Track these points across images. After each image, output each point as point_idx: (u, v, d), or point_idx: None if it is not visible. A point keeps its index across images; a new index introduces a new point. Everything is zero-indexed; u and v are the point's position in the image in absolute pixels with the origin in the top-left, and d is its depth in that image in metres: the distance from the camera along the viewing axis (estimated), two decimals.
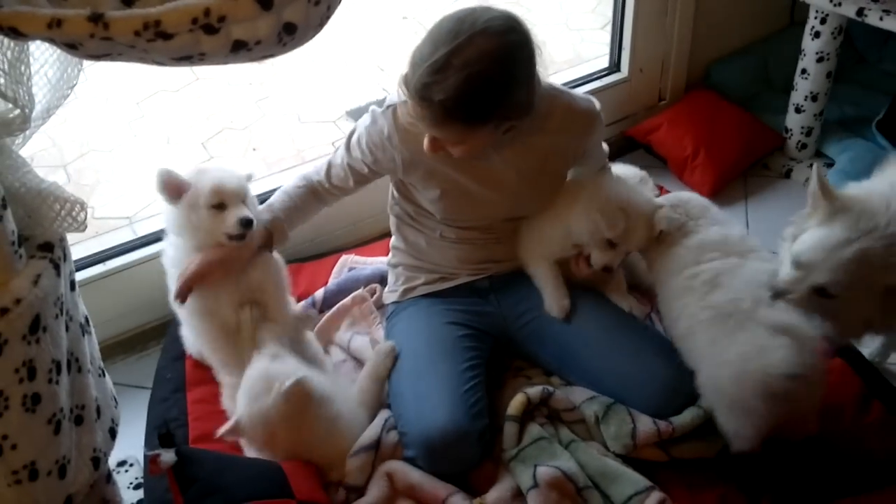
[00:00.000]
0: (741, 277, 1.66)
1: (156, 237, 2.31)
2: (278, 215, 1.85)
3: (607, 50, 2.91)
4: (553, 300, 1.80)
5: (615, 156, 2.80)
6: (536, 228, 1.86)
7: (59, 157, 3.24)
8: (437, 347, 1.75)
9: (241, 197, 1.72)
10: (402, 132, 1.70)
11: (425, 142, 1.63)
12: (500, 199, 1.78)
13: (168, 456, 1.45)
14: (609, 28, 2.88)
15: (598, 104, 1.80)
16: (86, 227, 1.25)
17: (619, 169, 2.05)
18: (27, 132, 1.26)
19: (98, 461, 1.30)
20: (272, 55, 1.14)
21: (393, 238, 1.96)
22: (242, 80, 3.72)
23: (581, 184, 1.84)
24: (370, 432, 1.66)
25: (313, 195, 1.90)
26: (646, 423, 1.64)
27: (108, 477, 1.40)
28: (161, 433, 1.49)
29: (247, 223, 1.67)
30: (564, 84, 2.73)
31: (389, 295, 1.96)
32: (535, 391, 1.70)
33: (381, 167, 1.81)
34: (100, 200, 3.00)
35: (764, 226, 2.51)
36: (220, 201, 1.69)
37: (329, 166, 1.87)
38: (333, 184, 1.87)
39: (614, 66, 2.86)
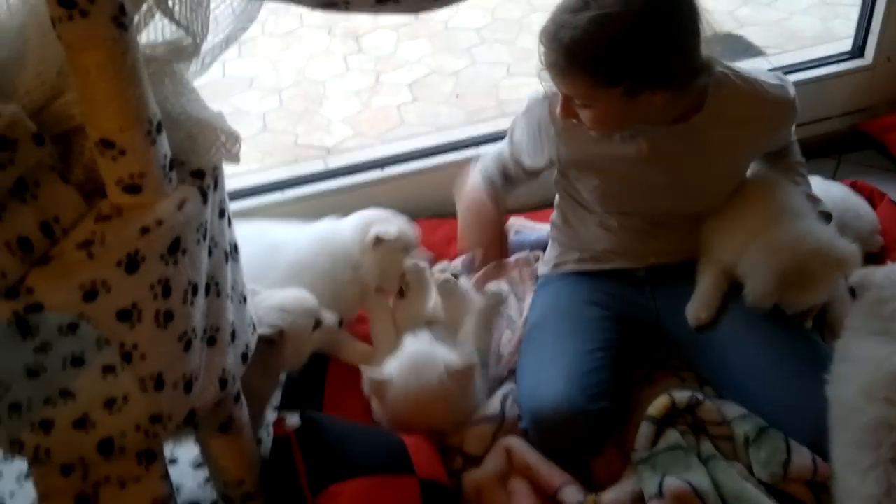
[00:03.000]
0: None
1: (346, 170, 2.38)
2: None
3: None
4: (693, 305, 1.66)
5: (842, 150, 2.52)
6: (716, 228, 1.70)
7: (277, 82, 3.41)
8: (569, 324, 1.67)
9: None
10: (559, 120, 1.61)
11: (558, 105, 1.55)
12: (669, 192, 1.64)
13: (293, 420, 1.50)
14: None
15: (791, 90, 1.61)
16: (239, 160, 1.28)
17: (853, 201, 1.92)
18: (206, 61, 1.30)
19: (226, 382, 1.35)
20: (425, 9, 1.10)
21: (554, 212, 1.89)
22: (461, 24, 3.71)
23: (769, 213, 1.64)
24: (492, 404, 1.64)
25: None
26: (803, 456, 1.47)
27: (237, 397, 1.46)
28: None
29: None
30: (790, 67, 2.49)
31: (542, 266, 1.90)
32: (682, 396, 1.57)
33: (543, 157, 1.73)
34: (305, 129, 3.13)
35: None
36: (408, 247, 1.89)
37: (500, 160, 1.87)
38: (510, 181, 1.88)
39: (857, 51, 2.54)
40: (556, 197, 1.88)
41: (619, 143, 1.60)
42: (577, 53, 1.42)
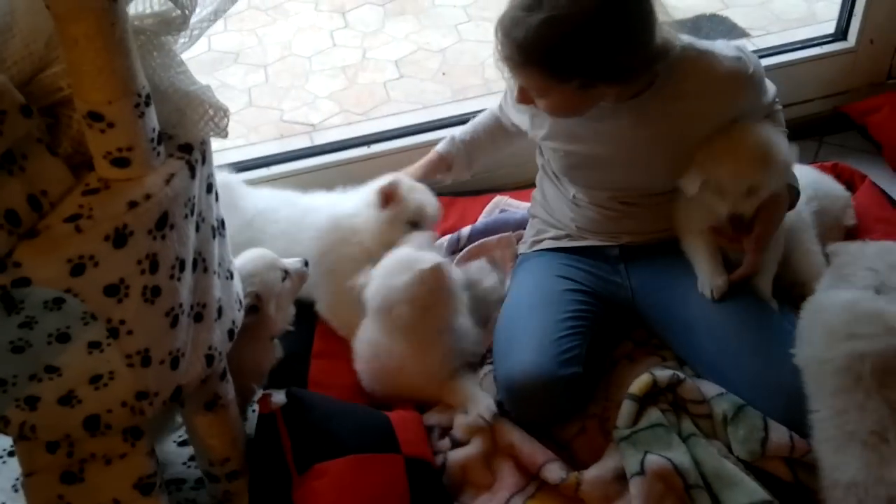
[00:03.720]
0: None
1: (334, 147, 2.36)
2: (459, 149, 1.92)
3: None
4: (706, 277, 1.65)
5: (823, 132, 2.54)
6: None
7: (262, 57, 3.37)
8: (540, 296, 1.70)
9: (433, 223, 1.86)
10: None
11: (515, 91, 1.59)
12: (630, 168, 1.66)
13: (279, 397, 1.50)
14: None
15: (750, 64, 1.61)
16: (227, 134, 1.27)
17: (826, 183, 1.94)
18: (194, 34, 1.28)
19: (212, 358, 1.35)
20: None
21: (535, 189, 1.91)
22: (447, 1, 3.68)
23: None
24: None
25: (498, 128, 1.94)
26: (780, 434, 1.49)
27: (224, 375, 1.45)
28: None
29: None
30: (773, 49, 2.51)
31: (521, 245, 1.92)
32: (663, 374, 1.58)
33: (518, 120, 1.79)
34: (290, 105, 3.11)
35: None
36: (418, 222, 1.81)
37: (501, 103, 1.91)
38: (507, 122, 1.92)
39: (840, 34, 2.54)
40: (538, 173, 1.90)
41: (576, 120, 1.63)
42: (529, 52, 1.44)
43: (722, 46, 1.64)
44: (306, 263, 1.69)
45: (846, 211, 2.01)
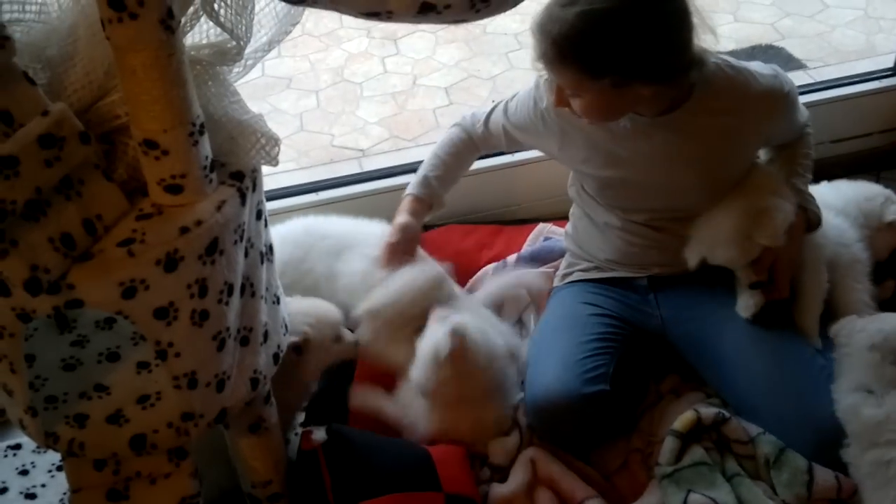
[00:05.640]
0: None
1: (382, 174, 2.39)
2: (434, 188, 1.87)
3: None
4: (743, 298, 1.64)
5: (881, 167, 2.48)
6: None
7: (315, 83, 3.43)
8: (565, 321, 1.71)
9: None
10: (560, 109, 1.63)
11: (552, 98, 1.59)
12: (663, 187, 1.65)
13: (319, 434, 1.52)
14: None
15: (786, 83, 1.60)
16: (277, 162, 1.29)
17: (861, 188, 1.87)
18: (248, 63, 1.31)
19: (257, 382, 1.36)
20: (464, 20, 1.11)
21: (568, 223, 1.91)
22: (498, 29, 3.70)
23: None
24: None
25: (468, 150, 1.90)
26: (825, 476, 1.47)
27: (267, 398, 1.47)
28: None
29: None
30: (832, 82, 2.47)
31: (555, 279, 1.92)
32: (708, 412, 1.56)
33: (534, 137, 1.78)
34: (340, 130, 3.14)
35: None
36: None
37: (488, 120, 1.86)
38: (489, 141, 1.88)
39: None
40: (572, 206, 1.90)
41: (611, 135, 1.63)
42: (563, 47, 1.44)
43: (758, 66, 1.63)
44: (357, 344, 1.71)
45: (888, 207, 1.96)
